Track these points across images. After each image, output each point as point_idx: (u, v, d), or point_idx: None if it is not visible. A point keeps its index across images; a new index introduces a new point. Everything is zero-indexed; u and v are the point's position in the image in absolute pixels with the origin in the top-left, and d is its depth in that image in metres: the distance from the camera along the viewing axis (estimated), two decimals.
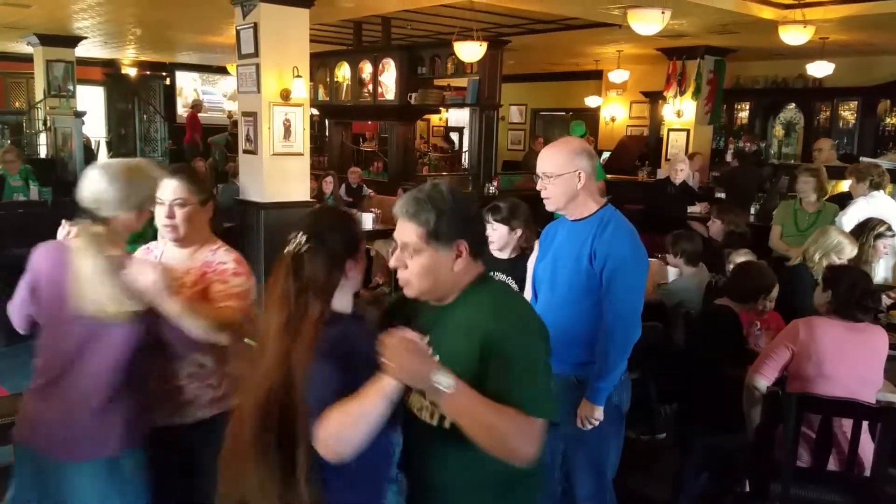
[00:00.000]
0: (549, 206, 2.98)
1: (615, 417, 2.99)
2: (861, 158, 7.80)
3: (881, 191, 5.71)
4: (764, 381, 3.40)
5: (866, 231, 4.81)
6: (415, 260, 1.92)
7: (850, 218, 5.49)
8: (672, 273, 5.18)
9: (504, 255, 3.68)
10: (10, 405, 3.98)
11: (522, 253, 3.67)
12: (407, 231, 1.92)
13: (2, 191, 8.68)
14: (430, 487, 1.95)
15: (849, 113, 12.42)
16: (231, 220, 7.56)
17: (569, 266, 2.95)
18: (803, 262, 4.52)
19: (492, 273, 3.55)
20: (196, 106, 15.51)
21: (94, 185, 2.37)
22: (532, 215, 3.79)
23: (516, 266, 3.61)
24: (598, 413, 2.90)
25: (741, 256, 4.88)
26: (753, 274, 4.08)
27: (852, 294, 3.33)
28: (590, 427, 2.92)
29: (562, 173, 2.86)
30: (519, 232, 3.65)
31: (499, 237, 3.63)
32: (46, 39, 11.37)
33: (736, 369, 3.77)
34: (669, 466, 4.19)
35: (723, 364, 3.78)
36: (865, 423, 3.16)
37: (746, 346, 3.96)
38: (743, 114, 13.71)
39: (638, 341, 2.99)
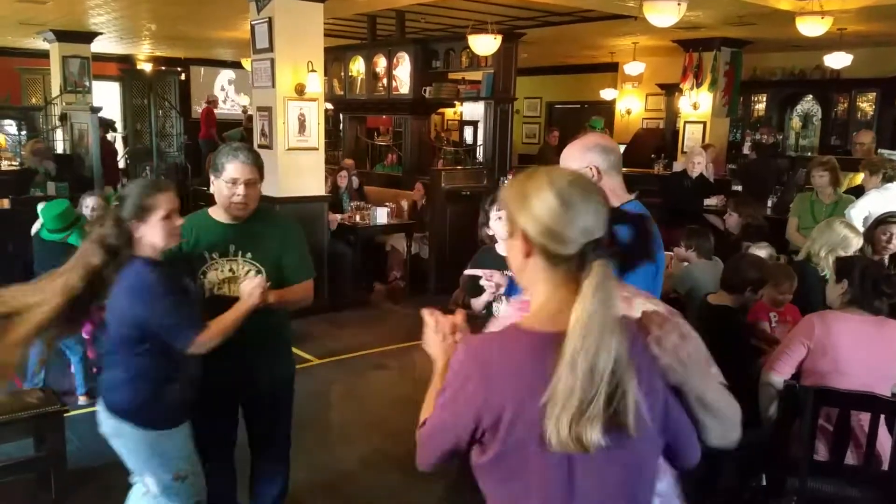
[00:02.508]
0: None
1: None
2: (879, 150, 7.73)
3: (895, 183, 5.66)
4: (779, 377, 3.37)
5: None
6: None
7: (860, 210, 5.45)
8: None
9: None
10: (27, 400, 4.02)
11: None
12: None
13: (29, 184, 8.76)
14: None
15: (867, 104, 12.32)
16: None
17: None
18: (807, 258, 4.49)
19: (505, 273, 3.56)
20: (212, 102, 15.56)
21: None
22: None
23: None
24: None
25: (761, 250, 4.84)
26: (745, 265, 4.06)
27: (866, 280, 3.31)
28: None
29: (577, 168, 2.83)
30: None
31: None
32: (62, 35, 11.43)
33: (744, 367, 3.75)
34: None
35: (729, 365, 3.76)
36: (883, 417, 3.14)
37: (750, 343, 3.94)
38: (760, 106, 13.62)
39: None
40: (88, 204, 5.69)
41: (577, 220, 1.48)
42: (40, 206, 5.33)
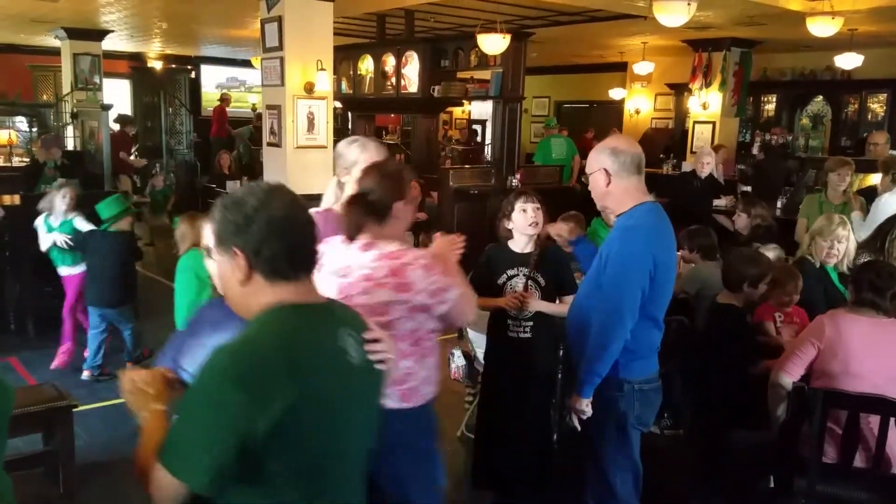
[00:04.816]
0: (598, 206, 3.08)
1: (620, 424, 2.94)
2: (890, 152, 7.68)
3: None
4: (789, 378, 3.36)
5: None
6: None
7: (882, 212, 5.41)
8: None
9: (528, 249, 3.54)
10: (37, 395, 4.04)
11: (544, 249, 3.59)
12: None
13: (38, 179, 8.79)
14: None
15: (878, 105, 12.26)
16: None
17: (594, 264, 2.99)
18: (804, 254, 4.51)
19: (517, 270, 3.53)
20: (224, 100, 15.59)
21: None
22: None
23: (541, 262, 3.52)
24: (581, 405, 2.87)
25: (769, 251, 4.83)
26: (742, 262, 4.05)
27: (862, 277, 3.33)
28: (575, 419, 2.92)
29: (591, 172, 2.89)
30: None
31: (542, 217, 3.52)
32: (74, 33, 11.49)
33: (749, 365, 3.75)
34: (694, 461, 4.17)
35: (736, 363, 3.75)
36: (893, 420, 3.12)
37: (756, 341, 3.93)
38: (769, 106, 13.58)
39: (663, 335, 2.98)
40: None
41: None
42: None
